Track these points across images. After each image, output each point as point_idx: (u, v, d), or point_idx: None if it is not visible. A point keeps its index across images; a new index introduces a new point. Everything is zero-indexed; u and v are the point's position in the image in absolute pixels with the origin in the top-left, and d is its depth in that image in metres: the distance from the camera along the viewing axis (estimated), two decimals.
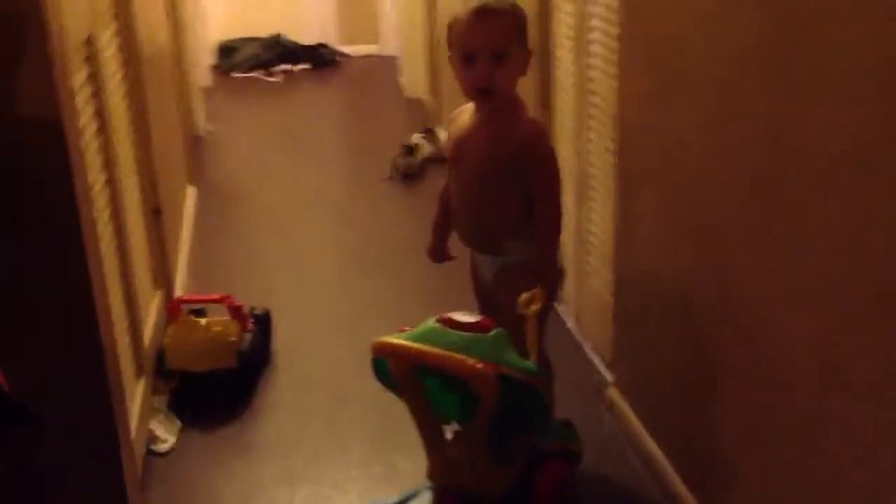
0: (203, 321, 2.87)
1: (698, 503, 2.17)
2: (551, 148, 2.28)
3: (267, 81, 7.10)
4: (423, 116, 5.76)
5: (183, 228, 3.93)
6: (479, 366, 1.91)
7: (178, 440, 2.63)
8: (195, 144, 5.33)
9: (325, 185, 4.86)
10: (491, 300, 2.34)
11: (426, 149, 4.89)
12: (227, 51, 7.44)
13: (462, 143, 2.29)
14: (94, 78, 2.18)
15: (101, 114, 2.25)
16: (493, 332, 2.02)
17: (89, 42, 2.14)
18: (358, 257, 3.97)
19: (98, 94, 2.21)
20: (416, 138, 4.95)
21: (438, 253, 2.47)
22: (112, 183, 2.37)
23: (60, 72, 1.79)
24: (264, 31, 7.51)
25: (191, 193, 4.41)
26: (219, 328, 2.84)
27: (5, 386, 1.52)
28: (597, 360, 2.92)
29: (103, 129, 2.28)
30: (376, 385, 2.17)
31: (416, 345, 1.98)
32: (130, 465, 2.18)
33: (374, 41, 7.59)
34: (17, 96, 1.76)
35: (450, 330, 2.01)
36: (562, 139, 3.06)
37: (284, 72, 7.25)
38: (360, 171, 5.14)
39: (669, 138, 2.20)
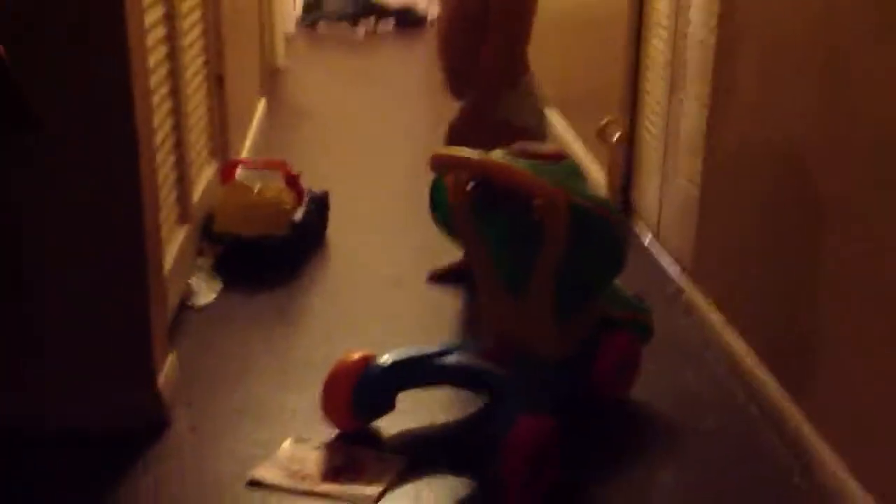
0: (256, 186, 2.71)
1: (781, 383, 1.93)
2: None
3: (350, 34, 7.02)
4: None
5: (250, 130, 3.81)
6: (548, 186, 1.70)
7: (218, 300, 2.47)
8: (272, 73, 5.25)
9: (395, 114, 4.71)
10: None
11: None
12: (314, 3, 7.37)
13: None
14: None
15: None
16: (566, 162, 1.81)
17: None
18: (420, 166, 3.78)
19: None
20: None
21: None
22: (172, 39, 2.24)
23: None
24: None
25: (261, 105, 4.30)
26: (272, 193, 2.67)
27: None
28: (673, 270, 2.68)
29: None
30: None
31: (480, 156, 1.77)
32: (160, 303, 2.00)
33: None
34: None
35: (520, 158, 1.81)
36: (655, 25, 2.84)
37: (368, 27, 7.16)
38: (432, 108, 4.96)
39: None
